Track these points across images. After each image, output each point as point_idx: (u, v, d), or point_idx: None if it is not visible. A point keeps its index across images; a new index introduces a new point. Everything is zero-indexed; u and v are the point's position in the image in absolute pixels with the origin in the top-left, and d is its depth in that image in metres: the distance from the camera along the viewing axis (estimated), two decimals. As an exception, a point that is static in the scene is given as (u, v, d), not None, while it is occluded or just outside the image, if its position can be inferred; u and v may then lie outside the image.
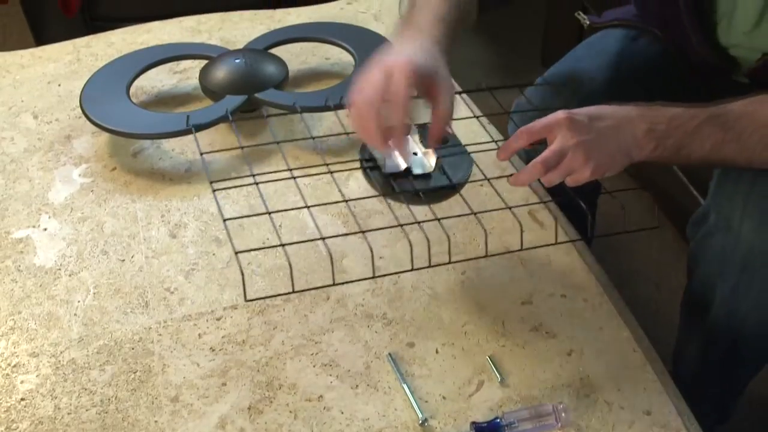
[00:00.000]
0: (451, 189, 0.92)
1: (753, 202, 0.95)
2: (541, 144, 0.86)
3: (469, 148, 0.96)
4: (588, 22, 1.30)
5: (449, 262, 0.88)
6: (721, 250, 0.99)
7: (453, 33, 0.97)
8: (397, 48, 0.90)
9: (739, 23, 1.02)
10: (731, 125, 0.86)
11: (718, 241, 0.99)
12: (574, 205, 0.93)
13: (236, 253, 0.82)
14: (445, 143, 0.96)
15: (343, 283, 0.95)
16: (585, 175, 0.84)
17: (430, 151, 0.93)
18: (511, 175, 0.88)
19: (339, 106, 1.08)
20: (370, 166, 0.93)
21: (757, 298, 0.99)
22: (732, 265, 0.98)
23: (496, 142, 0.99)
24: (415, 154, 0.93)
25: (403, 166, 0.92)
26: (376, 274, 0.88)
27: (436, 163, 0.92)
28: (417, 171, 0.92)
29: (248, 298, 0.91)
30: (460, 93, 1.13)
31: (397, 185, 0.90)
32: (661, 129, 0.86)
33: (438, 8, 0.95)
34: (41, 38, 1.99)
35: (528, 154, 1.20)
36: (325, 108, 1.11)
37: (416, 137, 0.95)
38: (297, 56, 1.33)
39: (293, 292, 0.84)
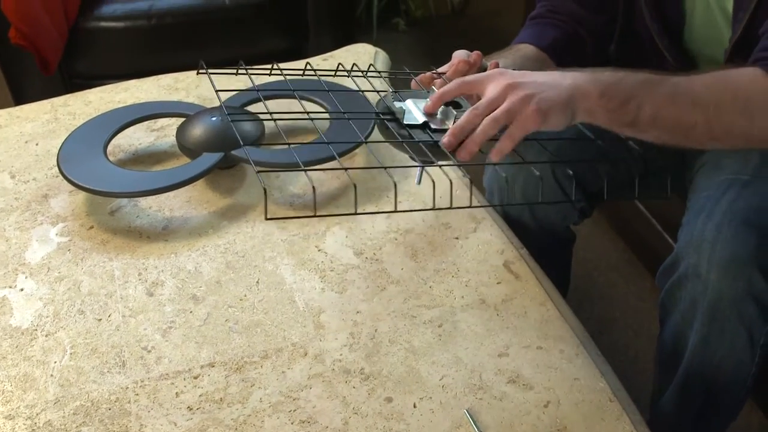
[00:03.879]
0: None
1: (720, 250, 0.96)
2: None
3: None
4: None
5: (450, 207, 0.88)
6: (690, 299, 1.01)
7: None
8: None
9: (696, 24, 1.07)
10: (680, 84, 0.88)
11: (688, 289, 1.01)
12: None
13: (258, 172, 0.86)
14: (458, 107, 0.96)
15: (364, 213, 1.07)
16: (531, 116, 0.83)
17: (450, 109, 0.93)
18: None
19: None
20: (388, 118, 0.93)
21: (729, 345, 1.00)
22: (702, 313, 0.99)
23: None
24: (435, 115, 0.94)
25: (422, 119, 0.92)
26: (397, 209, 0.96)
27: (454, 121, 0.92)
28: (434, 125, 0.92)
29: (268, 216, 0.97)
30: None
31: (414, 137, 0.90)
32: (605, 77, 0.86)
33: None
34: (20, 96, 2.01)
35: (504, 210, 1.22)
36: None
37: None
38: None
39: (315, 215, 0.92)
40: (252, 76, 1.05)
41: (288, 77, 1.07)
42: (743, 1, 1.00)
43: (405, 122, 0.92)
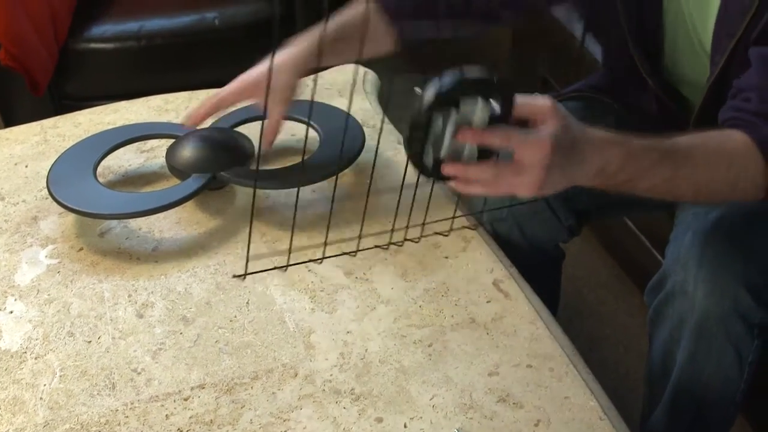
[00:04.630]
0: None
1: (705, 267, 0.97)
2: None
3: None
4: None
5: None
6: (678, 316, 1.01)
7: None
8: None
9: (678, 52, 1.09)
10: (681, 161, 0.90)
11: (675, 306, 1.01)
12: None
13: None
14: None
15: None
16: (528, 190, 0.84)
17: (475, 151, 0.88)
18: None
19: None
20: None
21: (716, 362, 1.01)
22: (689, 331, 1.00)
23: None
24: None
25: (441, 152, 0.87)
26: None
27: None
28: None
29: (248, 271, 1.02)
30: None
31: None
32: (611, 169, 0.87)
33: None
34: (9, 118, 2.01)
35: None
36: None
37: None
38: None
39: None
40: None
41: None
42: (720, 45, 1.01)
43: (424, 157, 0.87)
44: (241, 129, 1.29)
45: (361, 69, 1.56)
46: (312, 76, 1.54)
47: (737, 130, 0.92)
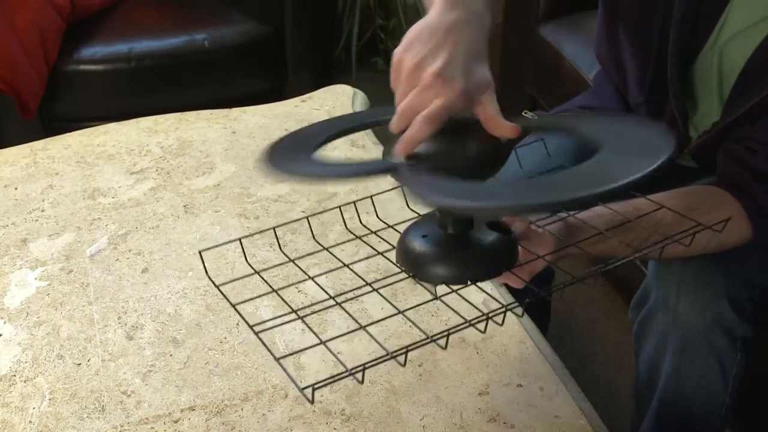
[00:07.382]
0: None
1: (687, 280, 0.98)
2: None
3: None
4: (536, 118, 1.34)
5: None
6: (661, 330, 1.02)
7: None
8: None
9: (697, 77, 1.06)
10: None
11: (659, 320, 1.02)
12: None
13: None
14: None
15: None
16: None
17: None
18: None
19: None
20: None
21: (701, 376, 1.01)
22: (673, 344, 1.01)
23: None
24: None
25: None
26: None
27: None
28: None
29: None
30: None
31: None
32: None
33: None
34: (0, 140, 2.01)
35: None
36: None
37: None
38: (252, 155, 1.36)
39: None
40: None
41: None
42: (742, 95, 0.98)
43: None
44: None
45: (351, 89, 1.57)
46: (299, 98, 1.55)
47: (729, 193, 0.92)
